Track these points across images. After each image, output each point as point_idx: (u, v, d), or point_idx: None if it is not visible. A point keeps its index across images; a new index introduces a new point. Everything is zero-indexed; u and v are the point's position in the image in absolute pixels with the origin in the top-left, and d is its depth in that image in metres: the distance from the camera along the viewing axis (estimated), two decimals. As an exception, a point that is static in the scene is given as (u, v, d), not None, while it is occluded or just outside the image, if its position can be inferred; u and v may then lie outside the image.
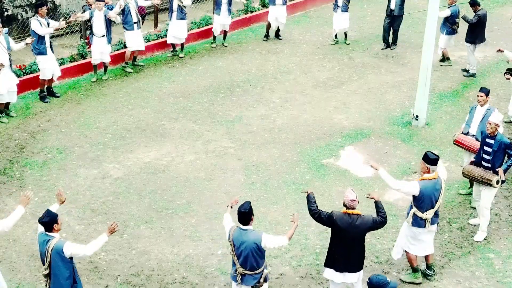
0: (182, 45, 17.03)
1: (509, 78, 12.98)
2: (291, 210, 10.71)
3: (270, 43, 18.35)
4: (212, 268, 9.40)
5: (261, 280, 7.85)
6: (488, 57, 17.15)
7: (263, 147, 12.72)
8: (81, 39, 16.40)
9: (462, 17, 15.76)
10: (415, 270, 9.17)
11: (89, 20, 15.10)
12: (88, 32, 16.34)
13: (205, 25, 18.47)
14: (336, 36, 18.38)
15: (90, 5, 15.36)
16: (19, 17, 17.19)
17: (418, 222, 8.80)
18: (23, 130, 13.07)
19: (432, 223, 8.82)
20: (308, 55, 17.56)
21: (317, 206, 8.14)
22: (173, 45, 17.06)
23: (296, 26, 19.78)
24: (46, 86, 14.31)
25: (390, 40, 17.99)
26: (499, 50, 14.01)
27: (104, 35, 14.90)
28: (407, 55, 17.51)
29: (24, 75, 14.68)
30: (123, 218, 10.43)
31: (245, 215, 7.68)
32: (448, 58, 16.85)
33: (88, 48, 16.21)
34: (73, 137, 12.87)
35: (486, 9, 16.01)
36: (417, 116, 13.44)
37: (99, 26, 14.80)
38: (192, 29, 18.02)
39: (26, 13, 17.44)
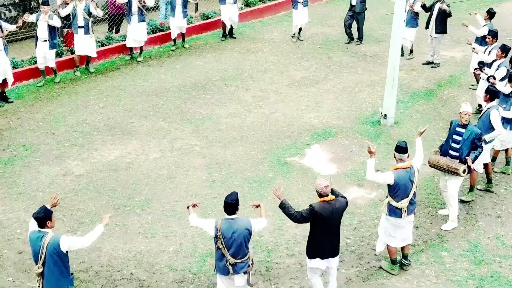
0: (141, 48, 16.83)
1: (479, 74, 12.99)
2: (250, 208, 10.69)
3: (251, 42, 18.36)
4: (162, 264, 9.40)
5: (250, 263, 7.95)
6: (467, 57, 17.08)
7: (229, 145, 12.72)
8: (58, 37, 16.43)
9: (422, 6, 16.15)
10: (393, 262, 9.25)
11: (35, 24, 14.76)
12: (65, 30, 16.43)
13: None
14: (295, 33, 18.45)
15: (67, 3, 15.41)
16: (2, 15, 17.28)
17: (394, 212, 8.90)
18: (-9, 128, 13.14)
19: (409, 213, 8.93)
20: (287, 54, 17.56)
21: (295, 210, 8.12)
22: (131, 49, 16.80)
23: (279, 26, 19.80)
24: None
25: (355, 36, 18.42)
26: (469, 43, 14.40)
27: (46, 40, 14.61)
28: (386, 55, 17.38)
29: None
30: (79, 215, 10.46)
31: (232, 205, 7.82)
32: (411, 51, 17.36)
33: (64, 46, 16.28)
34: (41, 135, 12.91)
35: None
36: (385, 115, 13.40)
37: (42, 30, 14.52)
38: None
39: (10, 12, 17.55)
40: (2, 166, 11.77)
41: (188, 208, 8.19)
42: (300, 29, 18.53)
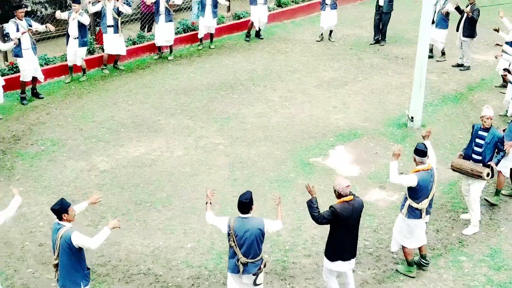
0: (170, 47, 16.96)
1: (505, 75, 12.80)
2: (269, 207, 10.74)
3: (281, 43, 18.40)
4: (179, 261, 9.48)
5: (262, 266, 7.93)
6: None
7: (253, 145, 12.76)
8: (90, 35, 16.72)
9: (456, 8, 15.99)
10: (410, 264, 9.21)
11: (66, 22, 14.97)
12: (97, 28, 16.67)
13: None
14: (322, 34, 18.44)
15: (98, 0, 15.65)
16: (39, 13, 17.63)
17: (414, 214, 8.88)
18: (21, 122, 13.41)
19: (426, 213, 8.93)
20: (317, 55, 17.53)
21: (319, 211, 8.09)
22: (159, 48, 16.94)
23: (311, 27, 19.78)
24: (31, 87, 14.30)
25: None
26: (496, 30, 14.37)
27: (77, 37, 14.83)
28: (417, 57, 17.27)
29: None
30: (102, 209, 10.60)
31: (246, 204, 7.81)
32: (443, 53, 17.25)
33: (96, 44, 16.53)
34: (69, 130, 13.14)
35: None
36: (412, 118, 13.27)
37: (73, 28, 14.77)
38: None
39: (46, 9, 17.90)
40: (29, 160, 12.01)
41: (206, 204, 8.25)
42: (331, 31, 18.47)
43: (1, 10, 16.82)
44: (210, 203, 8.25)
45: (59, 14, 14.76)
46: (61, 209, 7.56)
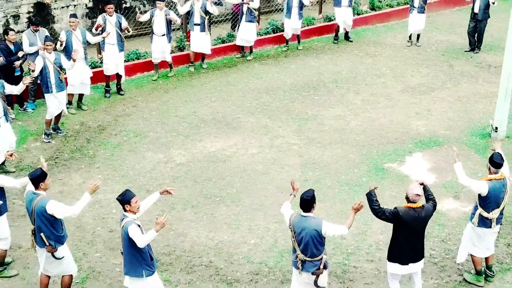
0: (251, 48, 17.10)
1: None
2: (336, 209, 10.71)
3: (371, 46, 18.20)
4: (241, 256, 9.62)
5: (321, 267, 7.91)
6: None
7: (328, 147, 12.73)
8: (182, 33, 17.21)
9: None
10: (478, 273, 9.07)
11: (150, 20, 15.29)
12: (188, 26, 17.10)
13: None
14: (410, 37, 18.03)
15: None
16: (137, 9, 18.32)
17: (484, 223, 8.78)
18: (108, 113, 14.00)
19: (497, 223, 8.79)
20: (406, 60, 17.23)
21: (379, 204, 8.12)
22: (242, 48, 17.14)
23: (404, 31, 19.36)
24: (113, 82, 14.80)
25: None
26: None
27: (164, 34, 15.19)
28: None
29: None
30: (172, 200, 10.91)
31: (307, 202, 7.85)
32: None
33: (187, 41, 16.97)
34: (152, 123, 13.60)
35: None
36: (496, 128, 12.81)
37: (159, 25, 15.11)
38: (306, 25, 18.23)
39: (144, 6, 18.57)
40: (111, 149, 12.53)
41: (290, 195, 8.36)
42: (418, 35, 18.12)
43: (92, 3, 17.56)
44: (294, 196, 8.31)
45: (139, 16, 15.14)
46: (123, 200, 7.81)
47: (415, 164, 12.14)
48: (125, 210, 7.84)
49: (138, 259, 7.79)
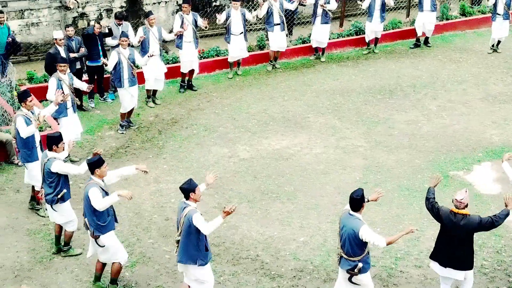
0: (323, 49, 17.01)
1: None
2: (392, 214, 10.58)
3: (456, 52, 17.75)
4: (288, 252, 9.71)
5: (355, 270, 7.94)
6: None
7: (395, 151, 12.56)
8: (262, 32, 17.44)
9: None
10: None
11: (226, 20, 15.43)
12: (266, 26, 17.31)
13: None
14: (493, 45, 17.54)
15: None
16: (226, 7, 18.74)
17: None
18: (182, 107, 14.44)
19: None
20: (491, 67, 16.68)
21: (434, 197, 8.34)
22: (316, 49, 17.09)
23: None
24: (186, 78, 15.16)
25: None
26: None
27: (242, 33, 15.36)
28: None
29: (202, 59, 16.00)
30: (230, 194, 11.15)
31: (356, 201, 7.95)
32: None
33: (267, 40, 17.17)
34: (222, 118, 13.90)
35: None
36: None
37: (236, 25, 15.33)
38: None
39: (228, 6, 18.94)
40: (179, 142, 12.93)
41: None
42: (499, 42, 17.48)
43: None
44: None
45: (219, 19, 15.35)
46: (189, 188, 8.07)
47: (482, 173, 11.77)
48: (188, 198, 8.08)
49: (194, 247, 8.02)
